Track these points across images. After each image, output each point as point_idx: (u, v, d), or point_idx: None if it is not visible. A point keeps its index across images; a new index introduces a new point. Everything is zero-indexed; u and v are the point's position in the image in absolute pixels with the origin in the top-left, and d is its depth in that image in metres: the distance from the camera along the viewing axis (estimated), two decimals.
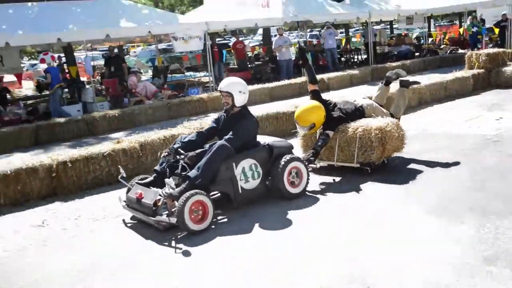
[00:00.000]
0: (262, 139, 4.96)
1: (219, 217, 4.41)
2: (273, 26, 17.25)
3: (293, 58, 15.27)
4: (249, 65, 16.17)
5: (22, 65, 18.25)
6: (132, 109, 10.25)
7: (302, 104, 5.50)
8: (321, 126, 5.29)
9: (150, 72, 18.06)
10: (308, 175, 4.85)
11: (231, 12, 14.18)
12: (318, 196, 4.78)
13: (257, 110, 6.76)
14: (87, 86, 12.49)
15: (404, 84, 5.94)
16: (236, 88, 4.65)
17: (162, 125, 7.16)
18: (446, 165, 5.25)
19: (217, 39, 22.43)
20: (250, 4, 14.46)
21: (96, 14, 11.36)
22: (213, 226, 4.17)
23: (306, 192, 4.85)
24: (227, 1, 15.08)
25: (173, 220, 3.96)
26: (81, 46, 17.80)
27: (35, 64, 25.77)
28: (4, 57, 11.44)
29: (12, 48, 11.11)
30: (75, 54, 15.88)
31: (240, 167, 4.54)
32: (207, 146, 4.62)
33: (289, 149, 4.94)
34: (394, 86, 6.22)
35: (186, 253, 3.68)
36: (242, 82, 4.82)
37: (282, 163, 4.61)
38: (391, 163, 5.51)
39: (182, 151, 4.39)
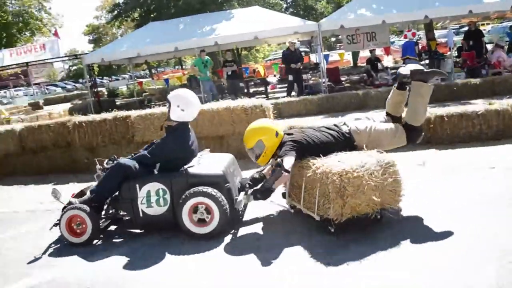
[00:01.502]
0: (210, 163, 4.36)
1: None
2: None
3: None
4: None
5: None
6: (492, 79, 10.89)
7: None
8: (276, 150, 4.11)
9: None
10: (225, 214, 3.91)
11: None
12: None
13: None
14: (446, 58, 14.14)
15: (420, 78, 4.07)
16: (175, 100, 4.24)
17: None
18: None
19: None
20: None
21: None
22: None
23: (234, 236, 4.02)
24: None
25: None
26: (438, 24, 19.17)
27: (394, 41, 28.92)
28: (377, 33, 14.48)
29: (385, 25, 13.94)
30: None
31: (145, 190, 4.13)
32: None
33: (215, 178, 4.09)
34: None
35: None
36: (188, 97, 4.31)
37: (183, 196, 3.98)
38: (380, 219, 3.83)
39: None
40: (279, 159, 3.97)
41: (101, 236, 4.36)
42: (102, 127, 6.86)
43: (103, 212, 4.39)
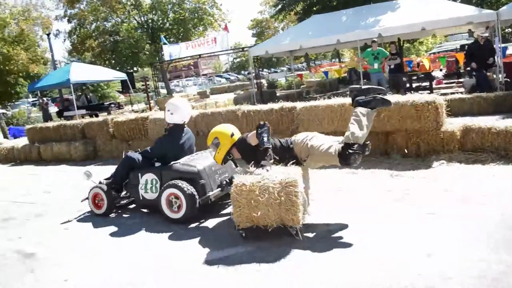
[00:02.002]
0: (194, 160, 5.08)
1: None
2: None
3: None
4: None
5: None
6: None
7: None
8: (232, 150, 4.46)
9: None
10: (193, 205, 4.61)
11: None
12: None
13: None
14: None
15: (374, 104, 4.05)
16: (167, 106, 5.27)
17: None
18: None
19: None
20: None
21: None
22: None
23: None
24: None
25: None
26: None
27: None
28: None
29: None
30: None
31: (144, 179, 5.16)
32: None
33: (191, 174, 4.81)
34: None
35: None
36: (175, 103, 5.27)
37: (162, 187, 4.84)
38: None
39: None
40: (223, 164, 4.57)
41: (119, 210, 5.60)
42: (269, 117, 7.12)
43: (123, 193, 5.56)
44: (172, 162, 5.06)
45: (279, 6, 25.54)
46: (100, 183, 5.47)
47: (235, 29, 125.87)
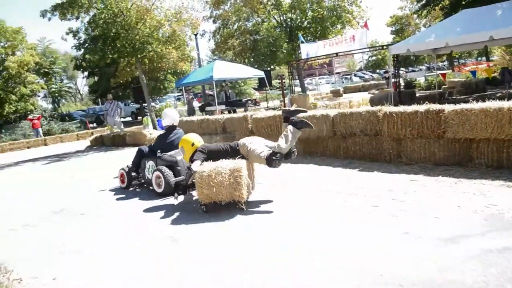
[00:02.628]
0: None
1: None
2: None
3: None
4: None
5: None
6: None
7: None
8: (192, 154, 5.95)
9: None
10: (169, 185, 6.59)
11: None
12: None
13: None
14: None
15: (300, 126, 5.55)
16: (162, 114, 7.83)
17: None
18: None
19: None
20: None
21: None
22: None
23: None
24: None
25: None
26: None
27: None
28: None
29: None
30: None
31: (148, 164, 7.45)
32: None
33: (172, 163, 6.94)
34: None
35: None
36: (165, 111, 7.66)
37: (152, 171, 7.22)
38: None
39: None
40: (190, 163, 5.84)
41: (136, 187, 7.81)
42: (412, 119, 6.70)
43: (141, 175, 7.75)
44: (164, 154, 7.18)
45: (423, 1, 24.12)
46: (127, 167, 7.76)
47: (372, 27, 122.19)
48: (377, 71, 61.97)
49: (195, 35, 24.06)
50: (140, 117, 35.26)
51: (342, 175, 6.79)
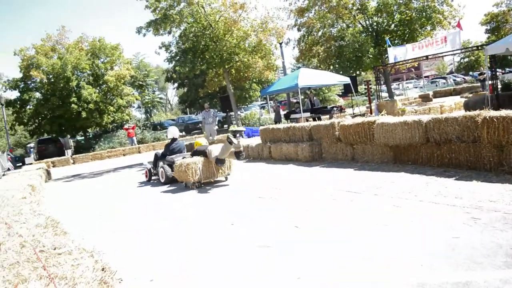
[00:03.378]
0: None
1: None
2: None
3: None
4: None
5: None
6: None
7: None
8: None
9: None
10: (168, 177, 10.45)
11: None
12: None
13: None
14: None
15: (229, 141, 8.73)
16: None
17: None
18: None
19: None
20: None
21: None
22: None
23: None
24: None
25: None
26: None
27: None
28: None
29: None
30: None
31: (160, 164, 11.02)
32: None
33: (171, 163, 10.55)
34: None
35: None
36: (168, 129, 12.26)
37: (159, 167, 11.07)
38: None
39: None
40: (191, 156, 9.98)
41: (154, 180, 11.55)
42: None
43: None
44: (168, 157, 10.81)
45: None
46: (150, 165, 11.75)
47: (464, 26, 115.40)
48: (470, 73, 58.23)
49: (280, 43, 24.31)
50: (226, 126, 36.28)
51: (434, 183, 6.47)
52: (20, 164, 30.25)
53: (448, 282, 3.25)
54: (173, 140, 11.18)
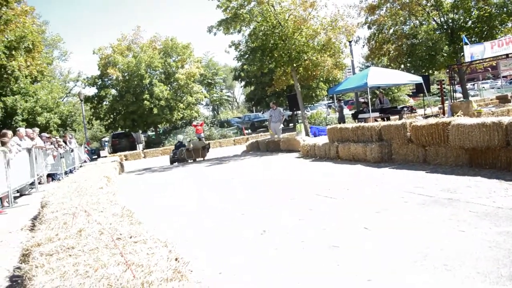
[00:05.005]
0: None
1: None
2: None
3: None
4: None
5: None
6: None
7: None
8: None
9: None
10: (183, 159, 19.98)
11: None
12: None
13: None
14: None
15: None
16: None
17: None
18: None
19: None
20: None
21: None
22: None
23: None
24: None
25: None
26: None
27: None
28: None
29: None
30: None
31: (177, 151, 20.64)
32: None
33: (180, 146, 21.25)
34: None
35: None
36: (178, 136, 31.09)
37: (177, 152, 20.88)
38: None
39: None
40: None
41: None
42: None
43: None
44: (177, 150, 20.43)
45: None
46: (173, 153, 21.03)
47: None
48: None
49: (349, 42, 23.88)
50: (292, 124, 36.26)
51: None
52: (96, 156, 32.10)
53: None
54: (180, 143, 21.69)
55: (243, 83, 46.55)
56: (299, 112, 25.85)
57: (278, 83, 20.12)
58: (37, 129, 14.61)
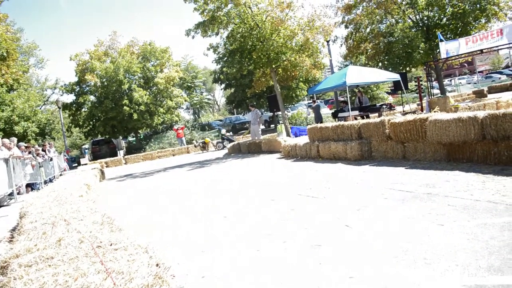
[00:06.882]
0: None
1: None
2: None
3: None
4: None
5: None
6: None
7: None
8: None
9: None
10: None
11: None
12: None
13: None
14: None
15: None
16: None
17: None
18: None
19: None
20: None
21: None
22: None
23: None
24: None
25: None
26: None
27: None
28: None
29: None
30: None
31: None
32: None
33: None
34: None
35: None
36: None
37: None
38: None
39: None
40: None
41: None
42: None
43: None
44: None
45: None
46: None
47: None
48: None
49: (327, 41, 24.06)
50: (273, 125, 36.35)
51: (491, 182, 6.22)
52: (76, 164, 31.65)
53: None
54: (223, 135, 21.96)
55: (223, 85, 46.52)
56: (280, 113, 26.00)
57: (258, 85, 20.14)
58: (14, 139, 14.32)
